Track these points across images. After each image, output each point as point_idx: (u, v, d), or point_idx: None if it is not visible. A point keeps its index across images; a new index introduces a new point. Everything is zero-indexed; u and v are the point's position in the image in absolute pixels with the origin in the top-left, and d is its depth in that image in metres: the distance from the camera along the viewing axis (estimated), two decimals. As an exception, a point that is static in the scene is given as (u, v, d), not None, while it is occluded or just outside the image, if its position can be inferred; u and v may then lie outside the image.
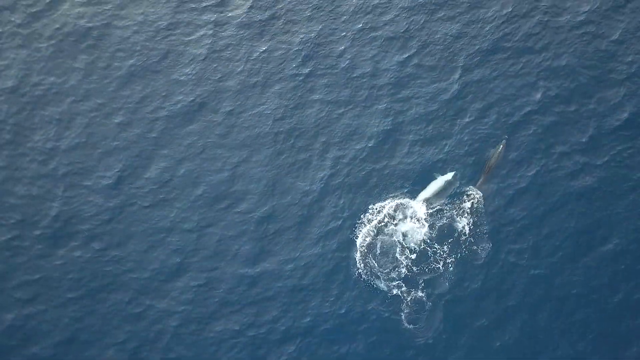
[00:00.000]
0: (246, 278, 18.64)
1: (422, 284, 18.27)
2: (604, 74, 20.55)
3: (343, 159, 19.91)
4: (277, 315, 18.23)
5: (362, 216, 19.03)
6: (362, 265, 18.49)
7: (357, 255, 18.59)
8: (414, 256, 18.50)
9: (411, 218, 18.89)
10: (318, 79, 20.96)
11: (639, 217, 18.86)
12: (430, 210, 18.97)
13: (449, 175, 19.47)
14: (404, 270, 18.39)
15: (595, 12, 21.40)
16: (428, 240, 18.66)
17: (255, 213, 19.34)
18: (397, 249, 18.58)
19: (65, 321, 18.24)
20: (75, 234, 19.16)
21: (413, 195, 19.21)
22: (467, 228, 18.76)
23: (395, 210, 18.99)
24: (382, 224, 18.85)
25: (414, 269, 18.41)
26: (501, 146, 19.78)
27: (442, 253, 18.55)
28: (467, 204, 19.04)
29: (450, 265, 18.41)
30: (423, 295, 18.18)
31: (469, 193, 19.22)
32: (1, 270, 18.77)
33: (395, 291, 18.23)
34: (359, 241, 18.72)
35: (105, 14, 22.07)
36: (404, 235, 18.73)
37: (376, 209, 19.04)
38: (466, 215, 18.94)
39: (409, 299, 18.13)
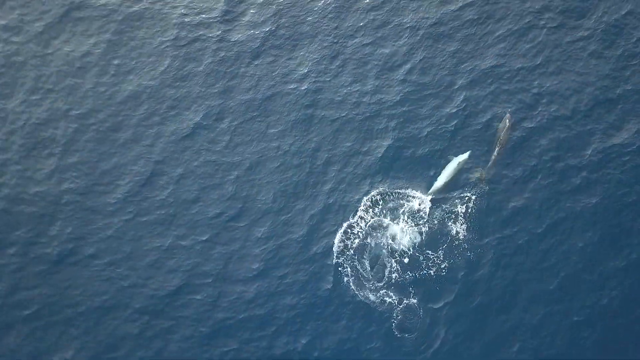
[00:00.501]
0: (245, 294, 18.76)
1: (419, 296, 18.41)
2: (604, 89, 20.56)
3: (342, 173, 19.98)
4: (276, 331, 18.35)
5: (360, 229, 19.10)
6: (359, 278, 18.61)
7: (355, 270, 18.70)
8: (412, 266, 18.62)
9: (408, 228, 18.99)
10: (317, 95, 21.03)
11: (638, 232, 18.89)
12: (427, 218, 19.11)
13: (464, 156, 19.46)
14: (400, 281, 18.52)
15: (595, 28, 21.40)
16: (425, 250, 18.81)
17: (253, 229, 19.43)
18: (394, 261, 18.69)
19: (65, 339, 18.38)
20: (75, 251, 19.27)
21: (412, 208, 19.26)
22: (464, 236, 18.89)
23: (393, 221, 19.11)
24: (382, 236, 18.96)
25: (412, 278, 18.56)
26: (507, 120, 19.74)
27: (439, 262, 18.66)
28: (466, 210, 19.16)
29: (450, 275, 18.57)
30: (421, 308, 18.30)
31: (465, 196, 19.31)
32: (3, 288, 18.92)
33: (388, 300, 18.38)
34: (357, 255, 18.83)
35: (108, 31, 22.24)
36: (403, 245, 18.85)
37: (375, 221, 19.14)
38: (465, 224, 19.04)
39: (406, 311, 18.25)
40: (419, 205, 19.21)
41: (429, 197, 19.25)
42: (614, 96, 20.41)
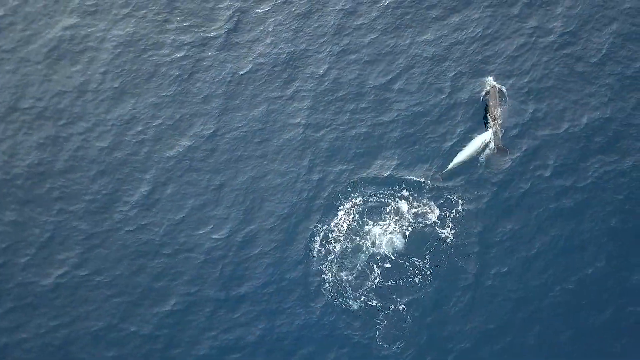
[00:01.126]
0: (226, 301, 18.82)
1: (401, 302, 18.40)
2: (597, 108, 20.56)
3: (324, 181, 20.01)
4: (257, 338, 18.39)
5: (342, 234, 19.17)
6: (340, 285, 18.65)
7: (336, 275, 18.76)
8: (402, 274, 18.64)
9: (392, 231, 19.02)
10: (311, 112, 21.07)
11: (623, 238, 18.90)
12: (414, 222, 19.18)
13: (488, 134, 19.51)
14: (392, 289, 18.53)
15: (585, 48, 21.43)
16: (410, 256, 18.83)
17: (245, 247, 19.42)
18: (386, 269, 18.70)
19: (50, 350, 18.44)
20: (70, 272, 19.27)
21: (397, 212, 19.32)
22: (450, 243, 18.91)
23: (377, 225, 19.16)
24: (375, 248, 18.97)
25: (395, 285, 18.56)
26: (494, 89, 19.99)
27: (425, 268, 18.66)
28: (452, 214, 19.21)
29: (433, 282, 18.58)
30: (403, 314, 18.29)
31: (459, 202, 19.39)
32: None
33: (373, 304, 18.37)
34: (349, 269, 18.85)
35: (104, 51, 22.48)
36: (393, 254, 18.87)
37: (369, 234, 19.12)
38: (451, 229, 19.08)
39: (388, 319, 18.24)
40: (412, 211, 19.26)
41: (444, 175, 19.34)
42: (607, 116, 20.41)
